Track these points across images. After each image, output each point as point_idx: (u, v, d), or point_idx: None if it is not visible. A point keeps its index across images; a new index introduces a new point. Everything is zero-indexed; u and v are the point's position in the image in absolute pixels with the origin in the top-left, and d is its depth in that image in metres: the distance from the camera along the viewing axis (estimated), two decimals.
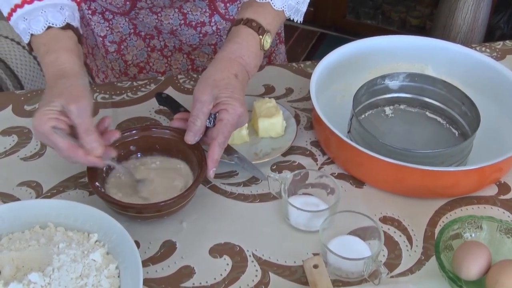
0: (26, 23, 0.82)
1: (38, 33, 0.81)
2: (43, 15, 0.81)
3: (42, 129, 0.74)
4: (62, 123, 0.75)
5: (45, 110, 0.74)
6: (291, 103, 1.04)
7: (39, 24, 0.81)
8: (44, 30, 0.81)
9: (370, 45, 1.07)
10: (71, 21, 0.84)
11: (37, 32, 0.81)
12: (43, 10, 0.82)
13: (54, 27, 0.82)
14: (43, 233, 0.74)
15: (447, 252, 0.76)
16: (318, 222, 0.78)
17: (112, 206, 0.79)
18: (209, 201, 0.85)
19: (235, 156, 0.88)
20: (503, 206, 0.86)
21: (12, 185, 0.87)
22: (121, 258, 0.72)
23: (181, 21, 1.09)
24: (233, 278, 0.75)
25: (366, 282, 0.75)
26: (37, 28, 0.81)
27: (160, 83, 1.07)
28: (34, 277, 0.64)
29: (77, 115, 0.75)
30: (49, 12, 0.82)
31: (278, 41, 1.25)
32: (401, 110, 1.02)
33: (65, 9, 0.84)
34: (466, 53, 1.06)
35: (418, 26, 2.96)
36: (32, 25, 0.82)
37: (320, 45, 2.98)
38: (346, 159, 0.90)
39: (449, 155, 0.87)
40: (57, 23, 0.82)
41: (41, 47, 0.81)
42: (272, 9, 0.88)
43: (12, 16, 0.83)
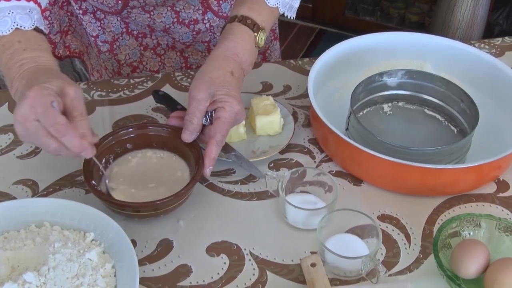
0: None
1: (4, 34, 0.78)
2: (10, 16, 0.78)
3: (41, 101, 0.69)
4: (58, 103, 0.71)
5: (44, 86, 0.71)
6: (288, 101, 1.03)
7: (6, 25, 0.78)
8: (11, 31, 0.78)
9: (369, 42, 1.06)
10: (39, 25, 0.81)
11: (3, 33, 0.78)
12: (11, 11, 0.78)
13: (22, 29, 0.79)
14: (39, 232, 0.73)
15: (445, 250, 0.76)
16: (315, 220, 0.77)
17: (108, 204, 0.78)
18: (206, 199, 0.85)
19: (232, 154, 0.87)
20: (502, 204, 0.85)
21: (8, 183, 0.86)
22: (117, 257, 0.71)
23: (174, 19, 1.08)
24: (230, 277, 0.75)
25: (364, 281, 0.74)
26: (4, 29, 0.78)
27: (157, 81, 1.07)
28: (29, 276, 0.64)
29: (73, 97, 0.72)
30: (17, 13, 0.79)
31: (272, 37, 1.24)
32: (400, 107, 1.01)
33: (33, 13, 0.80)
34: (465, 50, 1.05)
35: (417, 22, 2.95)
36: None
37: (319, 42, 2.97)
38: (344, 157, 0.89)
39: (447, 152, 0.86)
40: (26, 26, 0.79)
41: (15, 44, 0.78)
42: (266, 6, 0.87)
43: None
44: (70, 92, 0.72)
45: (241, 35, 0.85)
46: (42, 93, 0.69)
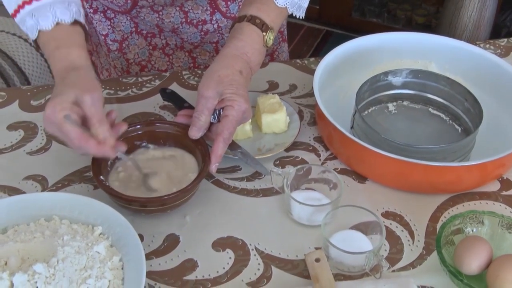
0: (34, 19, 0.83)
1: (47, 29, 0.82)
2: (51, 11, 0.82)
3: (54, 118, 0.74)
4: (74, 114, 0.75)
5: (58, 100, 0.75)
6: (294, 99, 1.04)
7: (48, 21, 0.82)
8: (53, 26, 0.82)
9: (374, 41, 1.07)
10: (78, 17, 0.85)
11: (46, 29, 0.82)
12: (52, 6, 0.83)
13: (63, 23, 0.83)
14: (48, 226, 0.75)
15: (448, 247, 0.76)
16: (320, 217, 0.78)
17: (116, 199, 0.80)
18: (213, 195, 0.86)
19: (238, 151, 0.88)
20: (505, 202, 0.86)
21: (18, 179, 0.88)
22: (124, 250, 0.73)
23: (182, 19, 1.10)
24: (235, 272, 0.76)
25: (368, 276, 0.75)
26: (46, 24, 0.82)
27: (165, 79, 1.08)
28: (39, 268, 0.65)
29: (90, 105, 0.75)
30: (57, 8, 0.83)
31: (281, 39, 1.25)
32: (404, 106, 1.02)
33: (72, 6, 0.85)
34: (470, 50, 1.06)
35: (424, 24, 2.96)
36: (41, 22, 0.82)
37: (326, 43, 2.98)
38: (349, 154, 0.90)
39: (451, 151, 0.87)
40: (66, 20, 0.83)
41: (51, 43, 0.82)
42: (275, 6, 0.88)
43: (19, 12, 0.84)
44: (86, 100, 0.75)
45: (250, 34, 0.86)
46: (55, 109, 0.74)
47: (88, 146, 0.75)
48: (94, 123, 0.76)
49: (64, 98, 0.75)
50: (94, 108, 0.76)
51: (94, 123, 0.76)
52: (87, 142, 0.75)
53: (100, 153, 0.76)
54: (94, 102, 0.76)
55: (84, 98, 0.75)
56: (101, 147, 0.76)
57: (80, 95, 0.75)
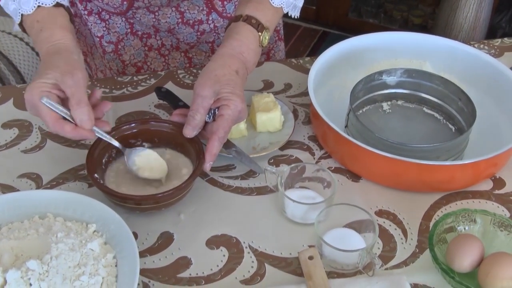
0: (16, 3, 0.83)
1: (28, 13, 0.82)
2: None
3: (32, 100, 0.75)
4: (53, 96, 0.75)
5: (38, 82, 0.75)
6: (289, 98, 1.05)
7: (29, 4, 0.82)
8: (34, 9, 0.82)
9: (369, 41, 1.07)
10: (61, 0, 0.85)
11: (27, 12, 0.82)
12: None
13: (44, 6, 0.83)
14: (42, 223, 0.75)
15: (441, 245, 0.77)
16: (314, 215, 0.78)
17: (110, 197, 0.80)
18: (207, 193, 0.86)
19: (233, 149, 0.89)
20: (498, 201, 0.86)
21: (13, 176, 0.88)
22: (118, 248, 0.73)
23: (179, 19, 1.10)
24: (229, 269, 0.76)
25: (361, 274, 0.75)
26: (27, 8, 0.82)
27: (160, 78, 1.08)
28: (33, 264, 0.65)
29: (70, 85, 0.75)
30: None
31: (277, 38, 1.25)
32: (399, 105, 1.03)
33: None
34: (464, 50, 1.06)
35: (420, 25, 2.97)
36: (22, 5, 0.83)
37: (322, 44, 2.99)
38: (343, 153, 0.91)
39: (445, 149, 0.88)
40: (47, 2, 0.83)
41: (35, 25, 0.82)
42: (271, 5, 0.88)
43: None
44: (67, 81, 0.75)
45: (246, 34, 0.86)
46: (33, 92, 0.75)
47: (63, 131, 0.75)
48: (72, 105, 0.75)
49: (43, 80, 0.75)
50: (74, 88, 0.75)
51: (72, 105, 0.75)
52: (62, 127, 0.75)
53: (78, 137, 0.76)
54: (74, 82, 0.75)
55: (64, 79, 0.75)
56: (78, 130, 0.75)
57: (60, 76, 0.75)
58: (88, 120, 0.76)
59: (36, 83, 0.75)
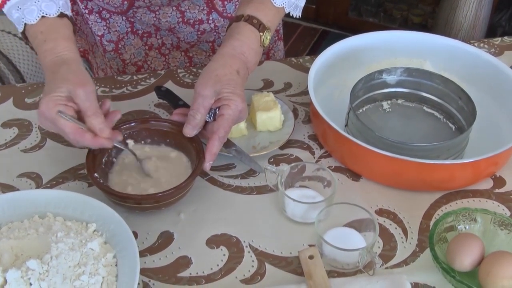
0: (19, 12, 0.83)
1: (32, 22, 0.82)
2: (36, 4, 0.82)
3: (49, 114, 0.75)
4: (69, 108, 0.76)
5: (52, 96, 0.76)
6: (289, 98, 1.05)
7: (32, 14, 0.82)
8: (38, 19, 0.82)
9: (368, 40, 1.07)
10: (64, 10, 0.85)
11: (31, 22, 0.82)
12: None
13: (48, 17, 0.83)
14: (42, 223, 0.75)
15: (441, 244, 0.77)
16: (314, 214, 0.78)
17: (110, 197, 0.80)
18: (207, 193, 0.86)
19: (233, 149, 0.89)
20: (498, 200, 0.86)
21: (12, 176, 0.88)
22: (118, 247, 0.73)
23: (179, 19, 1.10)
24: (229, 269, 0.76)
25: (361, 273, 0.75)
26: (31, 17, 0.82)
27: (160, 77, 1.08)
28: (33, 264, 0.65)
29: (84, 99, 0.77)
30: (42, 1, 0.82)
31: (276, 37, 1.25)
32: (399, 104, 1.03)
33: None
34: (465, 49, 1.06)
35: (420, 24, 2.96)
36: (26, 15, 0.82)
37: (322, 43, 2.99)
38: (343, 152, 0.91)
39: (445, 148, 0.88)
40: (51, 13, 0.83)
41: (38, 36, 0.82)
42: (272, 5, 0.88)
43: (6, 4, 0.84)
44: (80, 94, 0.77)
45: (247, 34, 0.86)
46: (49, 105, 0.76)
47: (84, 140, 0.77)
48: (89, 116, 0.77)
49: (57, 94, 0.76)
50: (88, 101, 0.77)
51: (89, 116, 0.77)
52: (83, 135, 0.76)
53: (97, 145, 0.78)
54: (87, 96, 0.77)
55: (77, 92, 0.76)
56: (97, 139, 0.77)
57: (73, 89, 0.76)
58: (106, 128, 0.78)
59: (51, 96, 0.76)
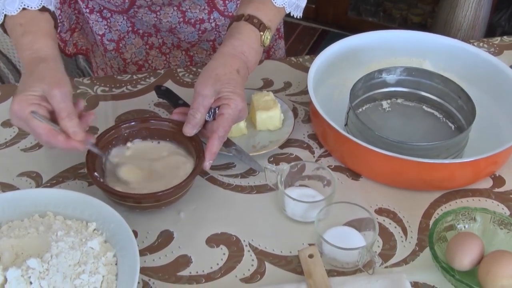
0: (0, 3, 0.82)
1: (12, 14, 0.81)
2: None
3: (22, 114, 0.74)
4: (42, 108, 0.75)
5: (25, 94, 0.74)
6: (289, 97, 1.05)
7: (13, 5, 0.81)
8: (19, 11, 0.81)
9: (369, 40, 1.07)
10: (47, 4, 0.84)
11: (11, 13, 0.81)
12: None
13: (30, 9, 0.81)
14: (42, 222, 0.75)
15: (441, 243, 0.77)
16: (314, 213, 0.79)
17: (110, 196, 0.80)
18: (207, 192, 0.86)
19: (233, 148, 0.89)
20: (498, 199, 0.86)
21: (12, 175, 0.88)
22: (118, 246, 0.73)
23: (180, 18, 1.10)
24: (229, 267, 0.76)
25: (361, 272, 0.76)
26: (11, 8, 0.81)
27: (160, 77, 1.08)
28: (33, 263, 0.65)
29: (60, 100, 0.75)
30: None
31: (277, 36, 1.25)
32: (398, 104, 1.03)
33: None
34: (464, 48, 1.06)
35: (419, 23, 2.97)
36: (7, 6, 0.81)
37: (322, 42, 2.99)
38: (343, 151, 0.91)
39: (444, 148, 0.88)
40: (33, 6, 0.81)
41: (17, 28, 0.81)
42: (273, 5, 0.88)
43: None
44: (56, 95, 0.75)
45: (248, 34, 0.86)
46: (22, 105, 0.74)
47: (57, 141, 0.75)
48: (63, 118, 0.75)
49: (30, 93, 0.74)
50: (63, 103, 0.75)
51: (63, 118, 0.75)
52: (56, 137, 0.75)
53: (69, 148, 0.76)
54: (63, 97, 0.75)
55: (53, 93, 0.75)
56: (70, 141, 0.75)
57: (48, 90, 0.75)
58: (80, 132, 0.76)
59: (24, 95, 0.74)
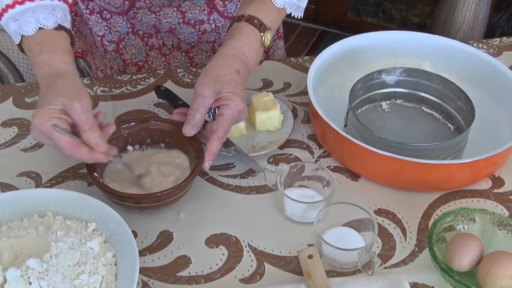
0: (17, 24, 0.81)
1: (29, 34, 0.81)
2: (34, 16, 0.81)
3: (43, 128, 0.74)
4: (63, 122, 0.75)
5: (46, 109, 0.75)
6: (288, 97, 1.05)
7: (30, 25, 0.81)
8: (35, 31, 0.81)
9: (368, 40, 1.08)
10: (62, 22, 0.84)
11: (28, 33, 0.81)
12: (34, 11, 0.81)
13: (46, 28, 0.82)
14: (42, 222, 0.75)
15: (440, 244, 0.77)
16: (313, 214, 0.79)
17: (110, 196, 0.80)
18: (206, 192, 0.86)
19: (232, 148, 0.89)
20: (497, 200, 0.86)
21: (12, 175, 0.88)
22: (118, 247, 0.73)
23: (180, 19, 1.10)
24: (228, 268, 0.76)
25: (360, 273, 0.76)
26: (28, 29, 0.81)
27: (159, 77, 1.08)
28: (32, 263, 0.66)
29: (80, 112, 0.75)
30: (40, 13, 0.81)
31: (276, 36, 1.25)
32: (398, 105, 1.03)
33: (57, 11, 0.83)
34: (463, 49, 1.06)
35: (419, 24, 2.97)
36: (23, 26, 0.81)
37: (321, 43, 2.99)
38: (342, 152, 0.91)
39: (444, 148, 0.88)
40: (48, 25, 0.82)
41: (34, 47, 0.81)
42: (273, 6, 0.88)
43: (3, 16, 0.83)
44: (76, 108, 0.75)
45: (248, 34, 0.86)
46: (43, 119, 0.74)
47: (80, 154, 0.76)
48: (85, 130, 0.76)
49: (51, 107, 0.75)
50: (84, 115, 0.76)
51: (85, 130, 0.76)
52: (79, 150, 0.75)
53: (93, 160, 0.77)
54: (83, 110, 0.76)
55: (73, 106, 0.75)
56: (93, 153, 0.76)
57: (69, 103, 0.75)
58: (103, 143, 0.77)
59: (45, 109, 0.75)
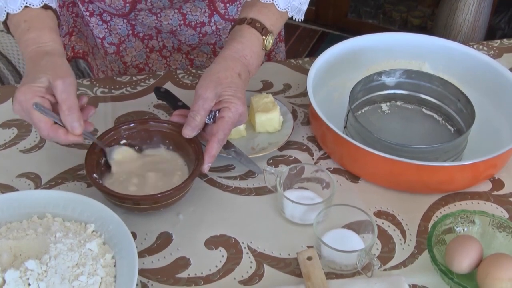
0: (2, 1, 0.82)
1: (14, 12, 0.82)
2: None
3: (25, 104, 0.75)
4: (46, 101, 0.75)
5: (31, 85, 0.75)
6: (288, 99, 1.05)
7: (16, 3, 0.81)
8: (21, 9, 0.81)
9: (368, 42, 1.07)
10: (49, 2, 0.84)
11: (13, 11, 0.82)
12: None
13: (32, 7, 0.82)
14: (41, 223, 0.75)
15: (439, 246, 0.77)
16: (312, 216, 0.79)
17: (109, 197, 0.80)
18: (206, 194, 0.86)
19: (232, 150, 0.89)
20: (496, 202, 0.86)
21: (11, 176, 0.88)
22: (117, 248, 0.73)
23: (181, 21, 1.10)
24: (228, 270, 0.76)
25: (359, 275, 0.76)
26: (14, 7, 0.81)
27: (159, 78, 1.08)
28: (31, 264, 0.65)
29: (62, 90, 0.75)
30: None
31: (278, 39, 1.25)
32: (398, 106, 1.03)
33: None
34: (464, 51, 1.06)
35: (420, 26, 2.97)
36: (9, 4, 0.82)
37: (322, 44, 2.99)
38: (342, 154, 0.91)
39: (444, 150, 0.88)
40: (34, 3, 0.82)
41: (22, 24, 0.81)
42: (276, 10, 0.88)
43: None
44: (58, 86, 0.75)
45: (250, 37, 0.86)
46: (27, 96, 0.74)
47: (57, 135, 0.76)
48: (63, 110, 0.76)
49: (36, 84, 0.75)
50: (66, 94, 0.76)
51: (63, 110, 0.76)
52: (56, 131, 0.76)
53: (70, 141, 0.77)
54: (65, 88, 0.76)
55: (56, 83, 0.75)
56: (69, 135, 0.76)
57: (52, 80, 0.75)
58: (79, 126, 0.76)
59: (29, 86, 0.75)
